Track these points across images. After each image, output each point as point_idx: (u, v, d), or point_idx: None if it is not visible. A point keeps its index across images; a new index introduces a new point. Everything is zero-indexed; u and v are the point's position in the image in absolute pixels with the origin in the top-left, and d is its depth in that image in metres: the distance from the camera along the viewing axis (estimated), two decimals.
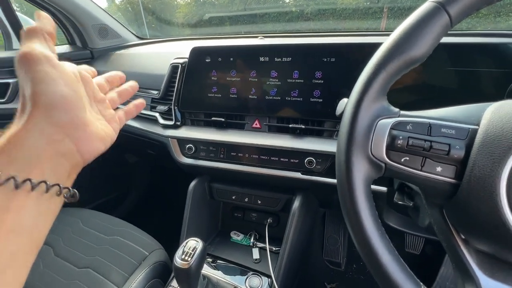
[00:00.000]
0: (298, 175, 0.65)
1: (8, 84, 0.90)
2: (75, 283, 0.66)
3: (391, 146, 0.29)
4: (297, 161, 0.65)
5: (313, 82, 0.64)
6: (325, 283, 1.05)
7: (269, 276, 0.65)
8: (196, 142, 0.73)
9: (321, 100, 0.63)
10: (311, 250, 1.04)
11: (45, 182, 0.22)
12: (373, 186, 0.61)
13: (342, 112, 0.40)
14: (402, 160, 0.29)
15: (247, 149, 0.69)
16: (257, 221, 0.81)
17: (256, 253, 0.74)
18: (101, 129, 0.28)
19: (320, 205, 0.81)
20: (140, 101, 0.37)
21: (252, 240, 0.78)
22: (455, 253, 0.30)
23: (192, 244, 0.47)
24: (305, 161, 0.63)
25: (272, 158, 0.67)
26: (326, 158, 0.62)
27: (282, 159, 0.66)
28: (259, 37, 0.96)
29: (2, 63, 0.90)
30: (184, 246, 0.47)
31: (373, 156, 0.29)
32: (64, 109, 0.24)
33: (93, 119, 0.27)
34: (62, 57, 1.01)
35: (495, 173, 0.24)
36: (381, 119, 0.30)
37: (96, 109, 0.30)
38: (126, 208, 1.33)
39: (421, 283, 0.28)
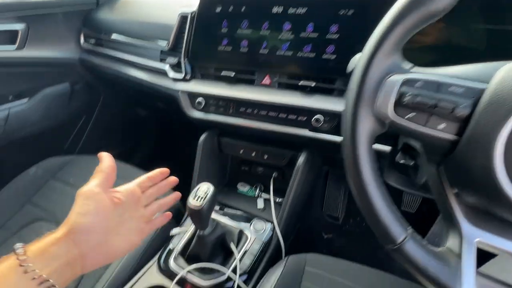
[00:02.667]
0: (305, 132, 0.66)
1: (17, 30, 0.89)
2: None
3: (398, 103, 0.30)
4: (305, 118, 0.66)
5: (328, 37, 0.61)
6: (322, 233, 1.15)
7: (271, 222, 0.71)
8: (206, 96, 0.74)
9: (335, 56, 0.62)
10: (311, 204, 1.11)
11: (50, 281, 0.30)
12: (377, 145, 0.63)
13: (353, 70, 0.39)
14: (408, 116, 0.30)
15: (256, 105, 0.69)
16: (263, 174, 0.86)
17: (260, 203, 0.80)
18: (117, 245, 0.37)
19: (323, 162, 0.84)
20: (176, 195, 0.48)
21: (257, 191, 0.83)
22: (445, 205, 0.33)
23: (204, 188, 0.52)
24: (313, 119, 0.64)
25: (280, 115, 0.68)
26: (333, 116, 0.63)
27: (290, 116, 0.67)
28: None
29: (9, 8, 0.88)
30: (197, 190, 0.52)
31: (379, 111, 0.30)
32: (87, 235, 0.34)
33: (114, 237, 0.36)
34: (66, 2, 0.98)
35: (494, 132, 0.25)
36: (392, 75, 0.30)
37: (134, 218, 0.40)
38: (139, 159, 1.41)
39: (409, 225, 0.32)
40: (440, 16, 0.28)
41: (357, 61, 0.32)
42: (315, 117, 0.64)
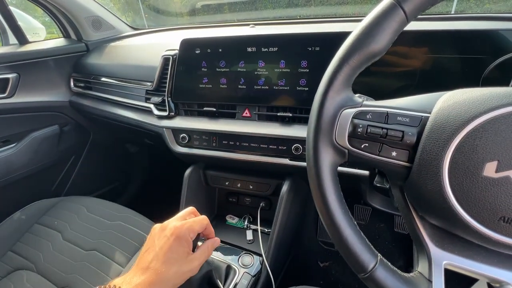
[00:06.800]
0: (286, 161, 0.68)
1: (7, 79, 0.93)
2: (83, 264, 0.72)
3: (353, 134, 0.32)
4: (285, 147, 0.68)
5: (299, 71, 0.66)
6: (318, 262, 1.11)
7: (260, 255, 0.70)
8: (189, 131, 0.76)
9: (307, 88, 0.66)
10: (305, 231, 1.09)
11: None
12: (356, 170, 0.65)
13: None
14: (362, 146, 0.32)
15: (238, 138, 0.72)
16: (251, 205, 0.85)
17: (249, 235, 0.79)
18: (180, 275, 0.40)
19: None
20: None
21: (246, 222, 0.82)
22: (412, 228, 0.34)
23: None
24: (293, 147, 0.66)
25: (261, 145, 0.70)
26: None
27: (271, 146, 0.69)
28: (250, 25, 0.96)
29: (1, 59, 0.92)
30: None
31: (337, 143, 0.32)
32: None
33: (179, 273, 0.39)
34: (58, 51, 1.04)
35: (439, 156, 0.27)
36: (345, 109, 0.33)
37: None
38: (128, 195, 1.39)
39: (378, 254, 0.32)
40: (380, 56, 0.32)
41: (314, 97, 0.35)
42: (294, 145, 0.66)
